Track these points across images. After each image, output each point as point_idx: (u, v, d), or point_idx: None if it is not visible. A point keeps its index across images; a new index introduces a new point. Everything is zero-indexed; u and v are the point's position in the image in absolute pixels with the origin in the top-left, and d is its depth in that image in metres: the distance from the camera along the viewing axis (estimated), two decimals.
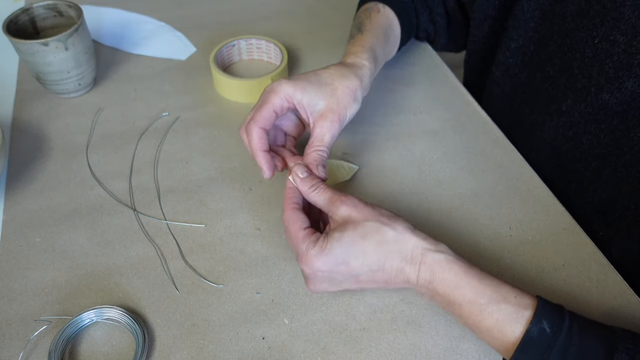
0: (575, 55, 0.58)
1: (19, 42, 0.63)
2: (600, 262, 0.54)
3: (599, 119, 0.57)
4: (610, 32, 0.53)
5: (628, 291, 0.52)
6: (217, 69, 0.71)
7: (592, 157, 0.59)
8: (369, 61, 0.61)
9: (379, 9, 0.70)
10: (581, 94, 0.58)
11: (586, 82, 0.57)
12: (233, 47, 0.76)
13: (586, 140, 0.59)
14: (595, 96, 0.56)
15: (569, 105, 0.60)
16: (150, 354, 0.47)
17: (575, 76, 0.58)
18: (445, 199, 0.60)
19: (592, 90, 0.56)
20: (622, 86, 0.53)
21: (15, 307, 0.50)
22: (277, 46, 0.75)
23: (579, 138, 0.60)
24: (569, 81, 0.59)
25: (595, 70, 0.55)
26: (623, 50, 0.52)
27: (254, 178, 0.62)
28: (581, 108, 0.58)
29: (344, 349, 0.47)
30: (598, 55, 0.55)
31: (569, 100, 0.59)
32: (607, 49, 0.53)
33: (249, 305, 0.51)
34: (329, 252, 0.45)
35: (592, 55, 0.55)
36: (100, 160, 0.64)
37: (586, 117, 0.58)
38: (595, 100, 0.56)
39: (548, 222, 0.58)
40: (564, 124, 0.61)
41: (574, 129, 0.60)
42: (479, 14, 0.70)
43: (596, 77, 0.55)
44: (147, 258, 0.54)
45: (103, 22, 0.84)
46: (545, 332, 0.41)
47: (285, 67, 0.73)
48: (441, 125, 0.69)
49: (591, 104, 0.57)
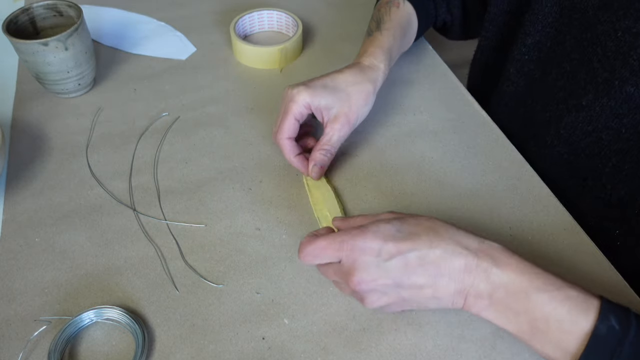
0: (596, 49, 0.57)
1: (18, 42, 0.63)
2: (601, 262, 0.54)
3: (622, 112, 0.56)
4: (633, 25, 0.52)
5: (628, 291, 0.52)
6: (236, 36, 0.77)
7: (612, 153, 0.58)
8: (384, 63, 0.63)
9: (398, 4, 0.70)
10: (603, 87, 0.57)
11: (608, 75, 0.56)
12: (252, 18, 0.81)
13: (606, 135, 0.58)
14: (620, 89, 0.55)
15: (590, 99, 0.59)
16: (150, 354, 0.47)
17: (595, 70, 0.57)
18: (445, 199, 0.60)
19: (615, 83, 0.55)
20: None
21: (14, 307, 0.50)
22: (292, 17, 0.80)
23: (599, 133, 0.59)
24: (588, 75, 0.58)
25: (619, 63, 0.55)
26: None
27: (254, 178, 0.62)
28: (603, 102, 0.57)
29: (344, 349, 0.47)
30: (621, 49, 0.54)
31: (590, 95, 0.59)
32: (630, 42, 0.53)
33: (249, 305, 0.50)
34: (376, 230, 0.44)
35: (615, 49, 0.55)
36: (100, 160, 0.64)
37: (607, 112, 0.57)
38: (619, 93, 0.55)
39: (548, 222, 0.57)
40: (584, 119, 0.60)
41: (593, 124, 0.59)
42: (494, 8, 0.70)
43: (620, 70, 0.55)
44: (147, 258, 0.54)
45: (103, 22, 0.84)
46: (621, 322, 0.39)
47: (300, 37, 0.78)
48: (441, 125, 0.69)
49: (614, 98, 0.56)
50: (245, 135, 0.67)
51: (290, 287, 0.52)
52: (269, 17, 0.82)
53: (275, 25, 0.83)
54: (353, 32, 0.84)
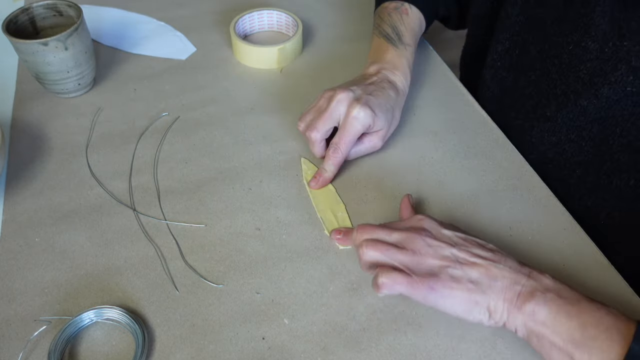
0: (554, 61, 0.58)
1: (18, 41, 0.63)
2: (600, 262, 0.54)
3: (580, 125, 0.57)
4: (582, 39, 0.53)
5: (628, 291, 0.52)
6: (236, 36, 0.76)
7: (576, 165, 0.59)
8: (408, 80, 0.67)
9: (407, 10, 0.71)
10: (562, 100, 0.58)
11: (565, 88, 0.57)
12: (252, 18, 0.81)
13: (569, 147, 0.59)
14: (575, 102, 0.56)
15: (553, 111, 0.60)
16: (150, 354, 0.47)
17: (554, 82, 0.58)
18: (445, 199, 0.60)
19: (571, 96, 0.56)
20: (598, 92, 0.53)
21: (14, 307, 0.50)
22: (292, 17, 0.80)
23: (562, 145, 0.60)
24: (549, 87, 0.59)
25: (572, 76, 0.55)
26: (595, 56, 0.52)
27: (254, 178, 0.62)
28: (563, 114, 0.58)
29: (344, 349, 0.47)
30: (572, 62, 0.55)
31: (553, 106, 0.59)
32: (580, 55, 0.53)
33: (249, 305, 0.50)
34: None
35: (569, 62, 0.55)
36: (100, 160, 0.64)
37: (568, 124, 0.58)
38: (575, 106, 0.56)
39: (548, 222, 0.57)
40: (549, 130, 0.61)
41: (557, 135, 0.60)
42: (474, 11, 0.71)
43: (573, 83, 0.55)
44: (147, 258, 0.54)
45: (103, 22, 0.84)
46: None
47: (300, 37, 0.78)
48: (441, 125, 0.69)
49: (572, 111, 0.57)
50: (245, 135, 0.67)
51: (290, 287, 0.52)
52: (268, 17, 0.82)
53: (275, 25, 0.83)
54: (353, 32, 0.84)
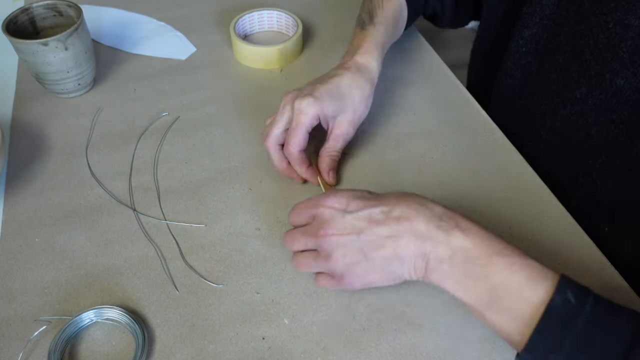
0: (589, 42, 0.57)
1: (18, 41, 0.63)
2: (601, 262, 0.54)
3: (611, 107, 0.56)
4: (625, 16, 0.52)
5: (628, 291, 0.52)
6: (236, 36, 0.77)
7: (601, 149, 0.58)
8: (378, 60, 0.64)
9: None
10: (596, 80, 0.57)
11: (600, 68, 0.56)
12: (252, 18, 0.81)
13: (595, 131, 0.58)
14: (610, 82, 0.55)
15: (583, 92, 0.59)
16: (150, 354, 0.47)
17: (588, 62, 0.58)
18: (445, 199, 0.60)
19: (606, 76, 0.55)
20: (637, 71, 0.52)
21: (15, 307, 0.50)
22: (292, 17, 0.80)
23: (589, 129, 0.59)
24: (581, 68, 0.59)
25: (609, 55, 0.55)
26: (637, 34, 0.51)
27: (254, 178, 0.62)
28: (595, 95, 0.57)
29: (344, 349, 0.47)
30: (612, 40, 0.54)
31: (583, 88, 0.58)
32: (621, 34, 0.53)
33: (249, 305, 0.50)
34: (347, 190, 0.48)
35: (606, 41, 0.55)
36: (100, 160, 0.64)
37: (598, 105, 0.57)
38: (610, 86, 0.55)
39: (548, 222, 0.57)
40: (577, 113, 0.60)
41: (585, 117, 0.59)
42: (491, 1, 0.70)
43: (610, 62, 0.55)
44: (147, 258, 0.54)
45: (103, 22, 0.84)
46: (577, 297, 0.39)
47: (300, 37, 0.78)
48: (441, 125, 0.69)
49: (605, 91, 0.56)
50: (245, 135, 0.67)
51: (290, 287, 0.52)
52: (269, 17, 0.82)
53: (275, 25, 0.83)
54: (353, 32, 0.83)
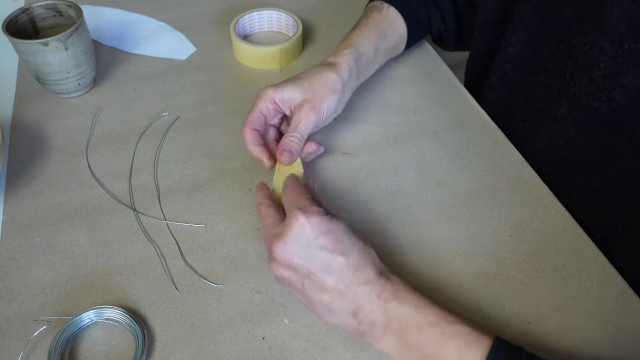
0: (568, 62, 0.57)
1: (18, 42, 0.63)
2: (601, 262, 0.54)
3: (588, 129, 0.56)
4: (599, 39, 0.52)
5: (628, 291, 0.52)
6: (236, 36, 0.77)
7: (582, 169, 0.59)
8: (349, 57, 0.64)
9: (381, 9, 0.71)
10: (574, 100, 0.58)
11: (577, 89, 0.57)
12: (252, 18, 0.81)
13: (575, 151, 0.59)
14: (587, 104, 0.56)
15: (564, 112, 0.59)
16: (150, 354, 0.47)
17: (567, 83, 0.58)
18: (445, 199, 0.60)
19: (582, 97, 0.56)
20: (610, 95, 0.53)
21: (15, 307, 0.50)
22: (292, 17, 0.80)
23: (570, 148, 0.60)
24: (562, 87, 0.59)
25: (585, 77, 0.55)
26: (610, 58, 0.52)
27: (254, 178, 0.62)
28: (574, 115, 0.58)
29: (344, 349, 0.47)
30: (588, 62, 0.54)
31: (564, 107, 0.59)
32: (596, 56, 0.53)
33: (249, 305, 0.50)
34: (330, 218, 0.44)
35: (583, 62, 0.55)
36: (100, 160, 0.64)
37: (577, 126, 0.58)
38: (587, 108, 0.56)
39: (548, 222, 0.57)
40: (558, 132, 0.61)
41: (565, 136, 0.60)
42: (482, 18, 0.70)
43: (586, 84, 0.55)
44: (147, 258, 0.54)
45: (103, 22, 0.84)
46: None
47: (300, 37, 0.78)
48: (441, 125, 0.69)
49: (582, 112, 0.57)
50: None
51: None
52: (269, 17, 0.82)
53: (275, 25, 0.83)
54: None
